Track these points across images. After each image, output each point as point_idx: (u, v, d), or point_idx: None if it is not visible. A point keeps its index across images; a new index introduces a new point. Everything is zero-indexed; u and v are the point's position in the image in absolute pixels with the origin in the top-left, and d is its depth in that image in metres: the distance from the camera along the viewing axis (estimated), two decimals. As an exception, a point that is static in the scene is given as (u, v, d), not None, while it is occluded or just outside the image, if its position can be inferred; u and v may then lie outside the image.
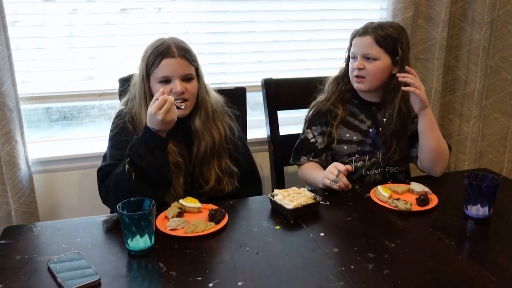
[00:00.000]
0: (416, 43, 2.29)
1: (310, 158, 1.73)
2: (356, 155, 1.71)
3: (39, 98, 1.98)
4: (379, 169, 1.73)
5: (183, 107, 1.45)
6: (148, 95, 1.48)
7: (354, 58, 1.66)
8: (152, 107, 1.32)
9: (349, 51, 1.71)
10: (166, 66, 1.44)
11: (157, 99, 1.33)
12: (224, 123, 1.59)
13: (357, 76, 1.65)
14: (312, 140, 1.73)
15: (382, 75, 1.64)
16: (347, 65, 1.72)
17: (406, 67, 1.58)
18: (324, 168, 1.59)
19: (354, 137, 1.71)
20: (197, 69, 1.52)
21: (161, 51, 1.44)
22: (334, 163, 1.54)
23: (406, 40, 1.66)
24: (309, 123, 1.76)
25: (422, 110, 1.59)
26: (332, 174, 1.50)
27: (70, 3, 1.92)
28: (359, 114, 1.73)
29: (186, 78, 1.47)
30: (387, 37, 1.61)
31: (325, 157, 1.74)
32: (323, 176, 1.54)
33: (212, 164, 1.55)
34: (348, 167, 1.50)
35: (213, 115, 1.57)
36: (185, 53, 1.47)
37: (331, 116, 1.72)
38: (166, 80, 1.45)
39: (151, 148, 1.35)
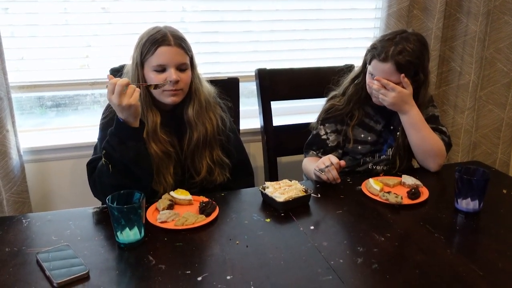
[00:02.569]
0: (411, 33, 2.27)
1: (319, 154, 1.72)
2: (369, 154, 1.71)
3: (31, 87, 1.96)
4: (387, 166, 1.72)
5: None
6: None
7: (372, 75, 1.60)
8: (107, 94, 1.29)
9: (366, 62, 1.65)
10: (162, 54, 1.42)
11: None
12: (216, 114, 1.58)
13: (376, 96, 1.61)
14: (324, 137, 1.72)
15: None
16: (363, 70, 1.67)
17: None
18: None
19: (369, 138, 1.71)
20: (191, 59, 1.50)
21: (157, 39, 1.42)
22: (329, 155, 1.53)
23: (427, 59, 1.60)
24: (323, 120, 1.74)
25: (399, 111, 1.60)
26: (324, 164, 1.49)
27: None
28: (374, 115, 1.71)
29: (181, 68, 1.45)
30: (408, 64, 1.53)
31: (335, 155, 1.68)
32: (315, 165, 1.54)
33: (204, 155, 1.54)
34: (342, 162, 1.49)
35: (206, 106, 1.55)
36: (181, 42, 1.45)
37: (347, 116, 1.71)
38: (161, 69, 1.43)
39: (123, 139, 1.32)
